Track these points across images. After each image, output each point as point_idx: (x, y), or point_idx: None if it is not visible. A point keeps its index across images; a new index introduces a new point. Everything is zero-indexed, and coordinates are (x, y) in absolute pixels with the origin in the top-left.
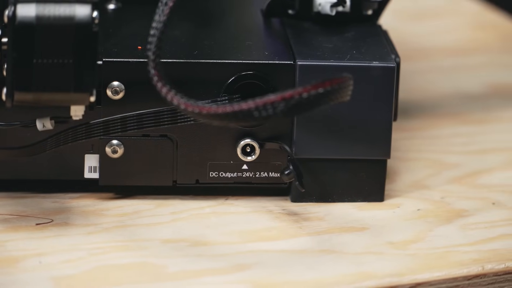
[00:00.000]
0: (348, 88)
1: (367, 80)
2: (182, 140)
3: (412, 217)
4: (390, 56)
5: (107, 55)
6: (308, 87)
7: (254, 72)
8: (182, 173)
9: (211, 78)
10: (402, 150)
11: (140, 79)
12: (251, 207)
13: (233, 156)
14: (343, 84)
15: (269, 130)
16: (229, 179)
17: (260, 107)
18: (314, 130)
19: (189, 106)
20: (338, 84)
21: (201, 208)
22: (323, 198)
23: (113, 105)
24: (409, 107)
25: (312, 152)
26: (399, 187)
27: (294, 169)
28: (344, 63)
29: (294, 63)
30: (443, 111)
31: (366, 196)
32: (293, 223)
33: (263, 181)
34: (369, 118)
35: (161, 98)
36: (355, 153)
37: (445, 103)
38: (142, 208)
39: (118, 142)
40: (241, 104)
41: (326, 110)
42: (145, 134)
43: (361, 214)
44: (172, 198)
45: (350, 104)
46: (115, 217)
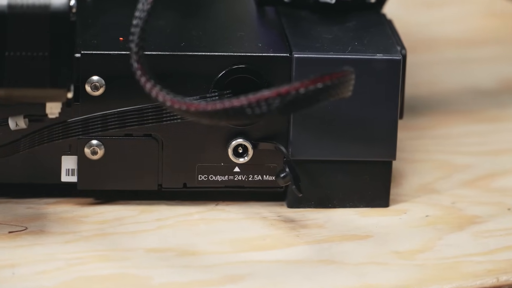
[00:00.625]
0: (350, 83)
1: (370, 74)
2: (168, 140)
3: (420, 224)
4: (396, 48)
5: (86, 47)
6: (305, 82)
7: (247, 66)
8: (168, 176)
9: (200, 72)
10: (409, 150)
11: (122, 74)
12: (244, 213)
13: (224, 158)
14: (344, 79)
15: (263, 129)
16: (219, 182)
17: (253, 104)
18: (313, 129)
19: (175, 102)
20: (339, 78)
21: (189, 215)
22: (323, 204)
23: (93, 102)
24: (416, 103)
25: (310, 153)
26: (405, 191)
27: (290, 171)
28: (345, 55)
29: (290, 56)
30: (453, 108)
31: (370, 201)
32: (290, 231)
33: (257, 184)
34: (373, 116)
35: (145, 94)
36: (357, 154)
37: (455, 100)
38: (125, 215)
39: (98, 143)
40: (232, 100)
41: (325, 107)
42: (127, 134)
43: (364, 221)
44: (157, 203)
45: (351, 101)
46: (95, 225)
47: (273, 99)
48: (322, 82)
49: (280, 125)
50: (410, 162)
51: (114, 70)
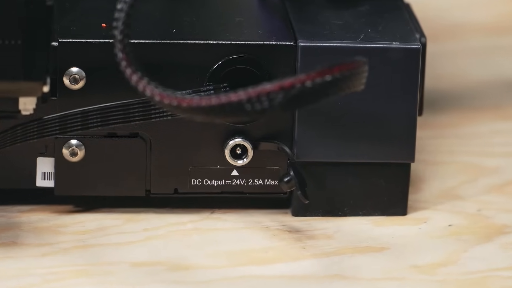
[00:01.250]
0: (362, 75)
1: (386, 65)
2: (157, 140)
3: (442, 234)
4: (414, 36)
5: (64, 34)
6: (312, 74)
7: (246, 56)
8: (157, 180)
9: (193, 63)
10: (429, 151)
11: (105, 64)
12: (243, 223)
13: (220, 160)
14: (356, 70)
15: (265, 127)
16: (215, 187)
17: (253, 98)
18: (320, 128)
19: (165, 97)
20: (350, 70)
21: (181, 224)
22: (332, 212)
23: (72, 97)
24: (438, 98)
25: (318, 154)
26: (425, 198)
27: (295, 175)
28: (356, 44)
29: (295, 44)
30: (480, 104)
31: (385, 209)
32: (295, 242)
33: (258, 190)
34: (388, 113)
35: (130, 87)
36: (370, 155)
37: (482, 94)
38: (108, 224)
39: (78, 143)
40: (229, 95)
41: (334, 103)
42: (111, 133)
43: (378, 231)
44: (145, 211)
45: (364, 95)
46: (75, 235)
47: (276, 93)
48: (331, 74)
49: (284, 123)
50: (431, 164)
51: (95, 61)
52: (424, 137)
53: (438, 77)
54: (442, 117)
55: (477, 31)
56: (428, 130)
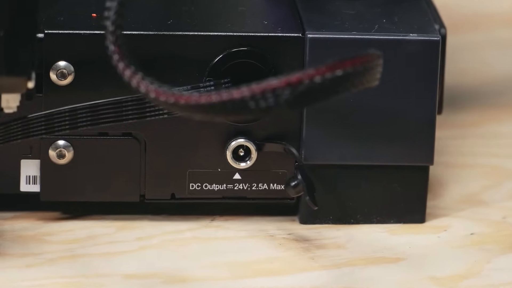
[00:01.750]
0: (376, 70)
1: (402, 59)
2: (152, 140)
3: (464, 243)
4: (433, 27)
5: (50, 25)
6: (321, 68)
7: (249, 48)
8: (152, 185)
9: (191, 56)
10: (450, 153)
11: (95, 58)
12: (246, 231)
13: (222, 162)
14: (369, 65)
15: (270, 127)
16: (216, 192)
17: (258, 95)
18: (330, 127)
19: (161, 94)
20: (363, 64)
21: (179, 232)
22: (343, 219)
23: (59, 93)
24: (459, 95)
25: (328, 156)
26: (445, 204)
27: (303, 179)
28: (370, 36)
29: (303, 36)
30: (504, 101)
31: (401, 216)
32: (303, 252)
33: (262, 195)
34: (405, 111)
35: (123, 83)
36: (385, 157)
37: (507, 90)
38: (99, 233)
39: (65, 143)
40: (231, 91)
41: (346, 100)
42: (102, 133)
43: (394, 240)
44: (139, 218)
45: (378, 92)
46: (62, 245)
47: (282, 89)
48: (342, 68)
49: (291, 122)
50: (452, 167)
51: (85, 54)
52: (444, 138)
53: (459, 71)
54: (464, 116)
55: (502, 21)
56: (448, 129)
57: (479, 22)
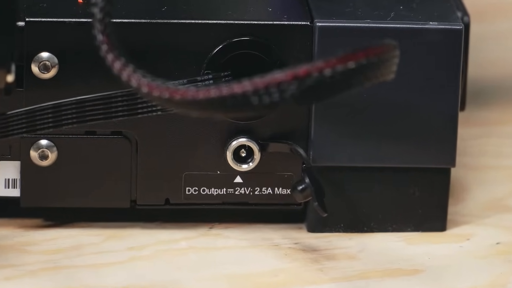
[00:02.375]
0: (392, 62)
1: (421, 50)
2: (144, 139)
3: (488, 254)
4: (455, 15)
5: (32, 13)
6: (332, 60)
7: (252, 38)
8: (144, 189)
9: (188, 47)
10: (473, 154)
11: (82, 49)
12: (248, 240)
13: (221, 164)
14: (385, 56)
15: (275, 125)
16: (214, 197)
17: (261, 90)
18: (341, 126)
19: (154, 88)
20: (378, 55)
21: (173, 242)
22: (356, 227)
23: (42, 88)
24: (483, 90)
25: (338, 157)
26: (468, 210)
27: (311, 183)
28: (386, 24)
29: (312, 25)
30: None
31: (420, 223)
32: (311, 264)
33: (266, 200)
34: (424, 107)
35: (113, 76)
36: (402, 159)
37: None
38: (85, 242)
39: (49, 143)
40: (232, 86)
41: (359, 95)
42: (89, 131)
43: (412, 250)
44: (130, 226)
45: (395, 86)
46: (45, 255)
47: (288, 83)
48: (354, 60)
49: (298, 120)
50: (475, 169)
51: (70, 44)
52: (466, 137)
53: (483, 64)
54: (488, 113)
55: None
56: (471, 128)
57: (506, 9)
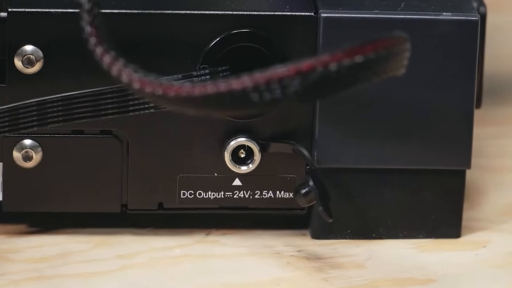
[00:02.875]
0: (402, 56)
1: (433, 43)
2: (136, 139)
3: (506, 262)
4: (470, 5)
5: (15, 2)
6: (338, 53)
7: (252, 30)
8: (136, 192)
9: (183, 39)
10: (490, 155)
11: (68, 42)
12: (247, 247)
13: (219, 165)
14: (395, 49)
15: (276, 123)
16: (211, 201)
17: (262, 86)
18: (348, 124)
19: (147, 84)
20: (387, 48)
21: (167, 249)
22: (363, 233)
23: (25, 83)
24: (501, 86)
25: (345, 159)
26: (485, 215)
27: (316, 186)
28: (396, 15)
29: (316, 15)
30: None
31: (432, 230)
32: (315, 273)
33: (266, 204)
34: (437, 105)
35: (102, 71)
36: (414, 160)
37: None
38: (73, 249)
39: (33, 143)
40: (230, 81)
41: (367, 92)
42: (76, 130)
43: (424, 258)
44: (120, 233)
45: (405, 82)
46: (29, 263)
47: (291, 79)
48: (362, 54)
49: (301, 118)
50: (492, 171)
51: (56, 37)
52: (483, 136)
53: (501, 57)
54: (506, 110)
55: None
56: (488, 127)
57: None
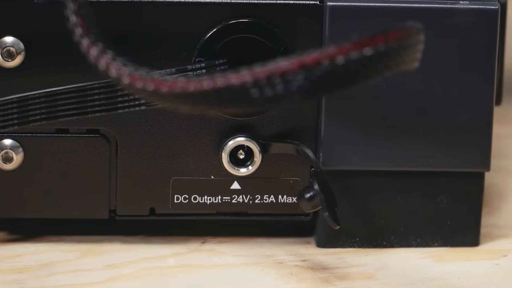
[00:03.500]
0: (416, 48)
1: (450, 34)
2: (125, 139)
3: None
4: None
5: None
6: (345, 46)
7: (252, 20)
8: (125, 197)
9: (177, 30)
10: (511, 156)
11: (51, 33)
12: (247, 257)
13: (216, 167)
14: (407, 41)
15: (278, 122)
16: (208, 207)
17: (263, 81)
18: (356, 123)
19: (138, 79)
20: (399, 40)
21: (160, 259)
22: (373, 241)
23: (5, 78)
24: None
25: (353, 160)
26: (505, 221)
27: (321, 190)
28: (408, 4)
29: (322, 4)
30: None
31: (449, 237)
32: (321, 284)
33: (268, 210)
34: (453, 102)
35: (88, 65)
36: (428, 162)
37: None
38: (57, 258)
39: (13, 143)
40: (229, 76)
41: (377, 88)
42: (60, 129)
43: (439, 268)
44: (108, 240)
45: (419, 77)
46: (10, 274)
47: (294, 73)
48: (372, 46)
49: (305, 116)
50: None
51: (38, 28)
52: (503, 135)
53: None
54: None
55: None
56: (509, 125)
57: None
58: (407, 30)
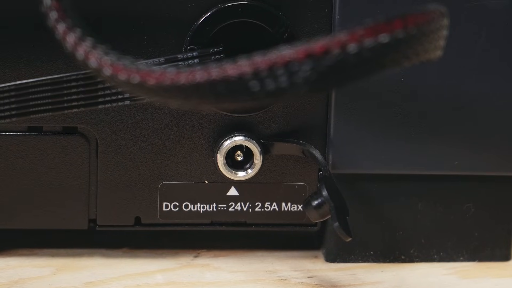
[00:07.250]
0: (438, 35)
1: (477, 20)
2: (107, 138)
3: None
4: None
5: None
6: (358, 32)
7: (251, 2)
8: (107, 205)
9: (167, 14)
10: None
11: (22, 17)
12: (246, 272)
13: (210, 171)
14: (429, 27)
15: (282, 119)
16: (201, 216)
17: (263, 72)
18: (370, 121)
19: (121, 70)
20: (419, 26)
21: (146, 275)
22: (390, 255)
23: None
24: None
25: (365, 162)
26: None
27: (330, 196)
28: None
29: None
30: None
31: (476, 251)
32: None
33: (269, 219)
34: (480, 97)
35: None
36: (452, 165)
37: None
38: (29, 275)
39: None
40: (225, 66)
41: (394, 80)
42: (33, 127)
43: (465, 286)
44: (88, 254)
45: (442, 68)
46: None
47: (300, 64)
48: (388, 32)
49: (313, 112)
50: None
51: (7, 12)
52: None
53: None
54: None
55: None
56: None
57: None
58: (428, 14)
